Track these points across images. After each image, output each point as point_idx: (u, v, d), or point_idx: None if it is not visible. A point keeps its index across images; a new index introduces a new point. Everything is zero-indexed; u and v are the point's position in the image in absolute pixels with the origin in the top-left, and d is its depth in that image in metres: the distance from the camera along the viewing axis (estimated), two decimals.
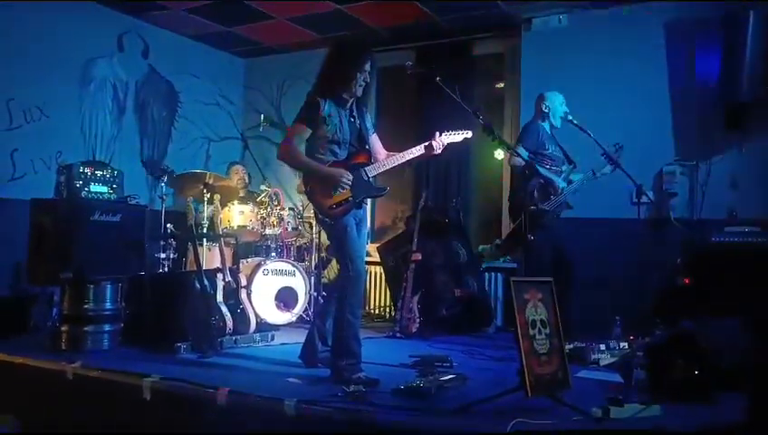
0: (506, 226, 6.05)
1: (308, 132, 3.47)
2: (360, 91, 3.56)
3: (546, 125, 4.82)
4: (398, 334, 5.09)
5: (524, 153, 4.44)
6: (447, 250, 5.62)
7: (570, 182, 4.69)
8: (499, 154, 6.04)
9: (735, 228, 4.54)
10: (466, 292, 5.51)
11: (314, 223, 5.68)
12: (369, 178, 3.57)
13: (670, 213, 5.15)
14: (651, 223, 5.14)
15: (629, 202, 5.06)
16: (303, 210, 6.32)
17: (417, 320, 5.15)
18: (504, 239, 5.79)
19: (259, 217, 5.42)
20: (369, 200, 3.85)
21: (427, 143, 3.63)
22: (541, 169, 4.43)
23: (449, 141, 3.69)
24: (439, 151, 3.64)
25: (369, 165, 3.58)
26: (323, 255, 5.99)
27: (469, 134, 3.75)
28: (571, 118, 4.77)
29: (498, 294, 5.90)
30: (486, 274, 5.95)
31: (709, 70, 5.13)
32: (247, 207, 5.42)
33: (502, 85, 6.70)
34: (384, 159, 3.65)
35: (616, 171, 4.66)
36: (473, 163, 6.38)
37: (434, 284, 5.40)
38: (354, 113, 3.63)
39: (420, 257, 5.30)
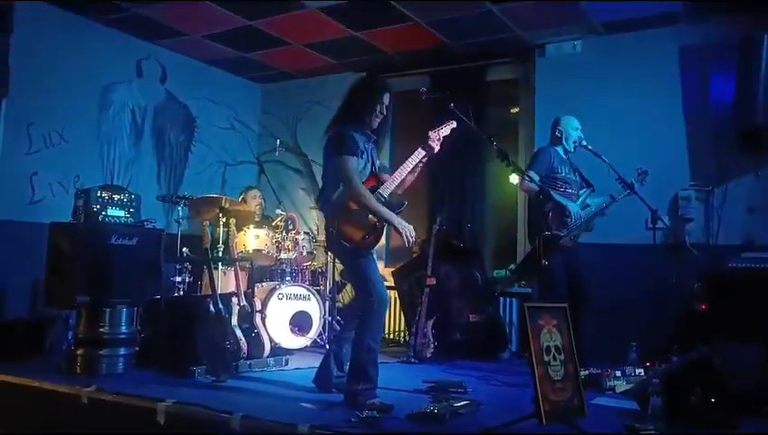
0: (522, 250, 6.07)
1: (358, 164, 3.53)
2: (377, 124, 3.67)
3: (560, 149, 4.85)
4: (413, 359, 5.08)
5: (536, 178, 4.46)
6: (462, 275, 5.63)
7: (586, 206, 4.70)
8: (514, 178, 6.05)
9: (753, 254, 4.50)
10: (481, 317, 5.51)
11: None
12: (384, 198, 3.60)
13: (686, 238, 5.13)
14: (667, 249, 5.12)
15: (645, 228, 5.03)
16: (318, 234, 6.37)
17: (432, 345, 5.15)
18: (518, 264, 5.80)
19: (274, 241, 5.46)
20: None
21: (424, 144, 3.69)
22: (554, 194, 4.45)
23: (444, 135, 3.75)
24: (438, 147, 3.71)
25: (378, 187, 3.62)
26: (338, 279, 6.01)
27: (454, 124, 3.80)
28: (585, 143, 4.80)
29: (513, 319, 5.88)
30: (501, 299, 5.94)
31: (724, 94, 5.14)
32: (263, 232, 5.47)
33: (516, 110, 6.75)
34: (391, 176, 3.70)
35: (631, 196, 4.66)
36: (488, 187, 6.41)
37: (449, 308, 5.40)
38: (375, 144, 3.74)
39: (435, 282, 5.32)
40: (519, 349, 5.63)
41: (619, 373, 4.25)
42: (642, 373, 4.28)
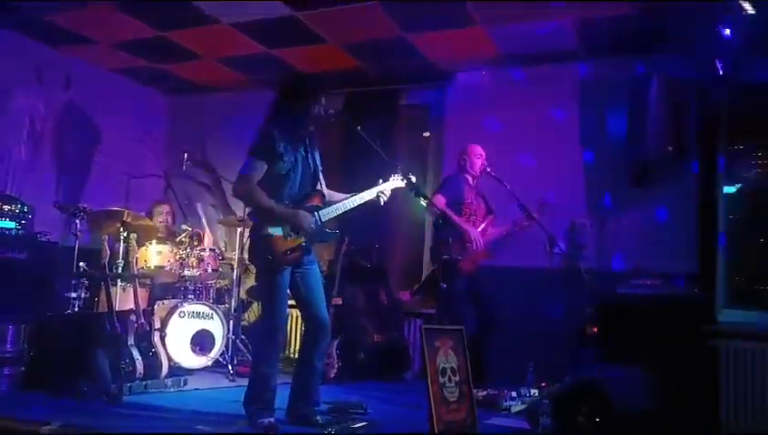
0: (426, 272, 6.18)
1: (264, 168, 3.37)
2: (313, 125, 3.54)
3: (468, 177, 5.02)
4: None
5: (441, 202, 4.60)
6: (369, 295, 5.70)
7: (485, 232, 4.87)
8: (423, 200, 6.20)
9: (640, 280, 4.80)
10: (386, 337, 5.59)
11: (235, 265, 5.65)
12: (321, 221, 3.53)
13: (580, 264, 5.41)
14: (563, 273, 5.38)
15: (544, 252, 5.27)
16: (225, 251, 6.27)
17: (336, 365, 5.17)
18: (419, 285, 5.91)
19: (178, 257, 5.34)
20: None
21: (379, 188, 3.71)
22: (455, 219, 4.59)
23: (394, 187, 3.80)
24: (383, 201, 3.73)
25: (322, 207, 3.56)
26: (244, 297, 5.93)
27: (404, 182, 3.87)
28: (489, 170, 4.99)
29: (417, 339, 5.99)
30: (407, 319, 6.04)
31: (618, 130, 5.45)
32: (166, 247, 5.34)
33: (428, 135, 6.92)
34: (338, 201, 3.63)
35: (531, 223, 4.88)
36: (396, 208, 6.49)
37: (354, 328, 5.45)
38: (308, 150, 3.57)
39: (341, 301, 5.35)
40: (422, 369, 5.71)
41: (515, 394, 4.41)
42: (537, 394, 4.46)
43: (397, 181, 3.81)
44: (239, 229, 5.66)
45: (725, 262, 5.16)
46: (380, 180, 3.83)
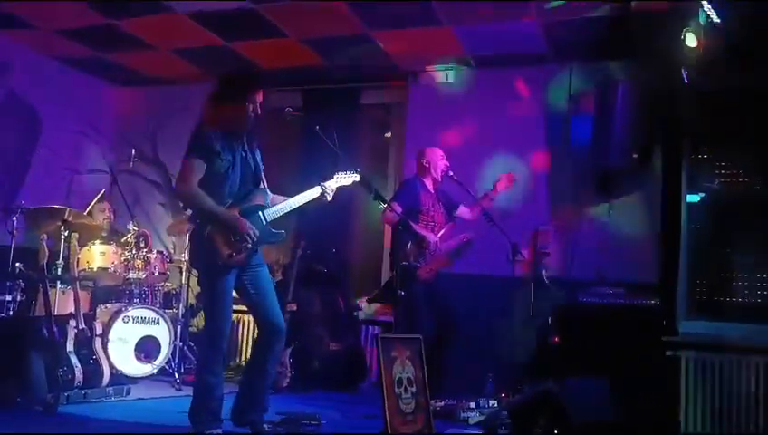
0: (385, 278, 6.20)
1: (203, 167, 3.35)
2: (249, 125, 3.51)
3: (427, 181, 5.04)
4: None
5: (398, 209, 4.61)
6: (325, 301, 5.70)
7: (446, 240, 4.90)
8: (381, 204, 6.22)
9: (602, 289, 4.89)
10: (342, 345, 5.58)
11: (184, 268, 5.59)
12: (266, 221, 3.51)
13: (543, 272, 5.49)
14: (525, 281, 5.45)
15: (505, 259, 5.34)
16: (174, 253, 6.19)
17: (289, 374, 5.16)
18: (377, 292, 5.92)
19: (123, 259, 5.26)
20: None
21: (321, 185, 3.69)
22: (413, 226, 4.61)
23: (339, 185, 3.79)
24: (330, 197, 3.71)
25: (266, 207, 3.54)
26: (193, 302, 5.87)
27: (357, 178, 3.87)
28: (451, 173, 5.02)
29: (375, 348, 6.00)
30: (364, 327, 6.05)
31: (583, 137, 5.55)
32: (110, 248, 5.26)
33: (389, 136, 6.94)
34: (280, 202, 3.62)
35: (493, 228, 4.93)
36: (355, 211, 6.53)
37: (308, 336, 5.44)
38: (246, 148, 3.55)
39: (295, 308, 5.33)
40: (379, 379, 5.73)
41: (473, 405, 4.45)
42: (496, 405, 4.51)
43: (342, 178, 3.81)
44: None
45: (687, 272, 5.29)
46: (336, 175, 3.84)
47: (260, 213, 3.49)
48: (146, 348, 5.10)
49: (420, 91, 6.40)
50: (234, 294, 3.48)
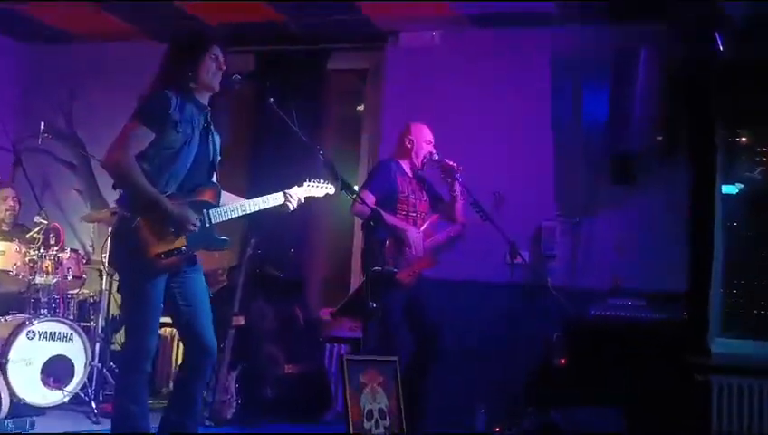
0: (356, 283, 6.18)
1: (149, 138, 3.28)
2: (217, 84, 3.48)
3: (405, 163, 5.01)
4: (207, 422, 5.02)
5: (371, 198, 4.59)
6: (280, 313, 5.68)
7: (431, 235, 4.89)
8: (351, 195, 6.20)
9: (619, 300, 4.93)
10: (301, 368, 5.57)
11: (105, 270, 5.52)
12: (211, 223, 3.47)
13: (548, 278, 5.50)
14: (525, 289, 5.47)
15: (502, 262, 5.35)
16: (93, 252, 6.13)
17: (235, 403, 5.13)
18: (343, 304, 5.89)
19: (28, 259, 5.19)
20: None
21: (285, 193, 3.67)
22: (389, 219, 4.58)
23: (307, 196, 3.78)
24: (294, 207, 3.70)
25: (214, 205, 3.50)
26: (116, 313, 5.81)
27: (332, 190, 3.88)
28: (437, 157, 5.00)
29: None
30: (329, 345, 6.04)
31: (597, 113, 5.58)
32: (11, 246, 5.21)
33: (361, 108, 6.92)
34: (232, 202, 3.59)
35: (487, 225, 4.93)
36: (319, 202, 6.47)
37: (259, 356, 5.42)
38: (210, 125, 3.53)
39: (243, 322, 5.29)
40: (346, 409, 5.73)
41: None
42: None
43: (314, 188, 3.82)
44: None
45: (722, 279, 5.35)
46: (296, 186, 3.80)
47: (204, 212, 3.45)
48: (55, 371, 5.03)
49: (401, 56, 6.39)
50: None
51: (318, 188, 3.85)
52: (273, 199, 3.65)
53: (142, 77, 3.54)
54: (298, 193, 3.74)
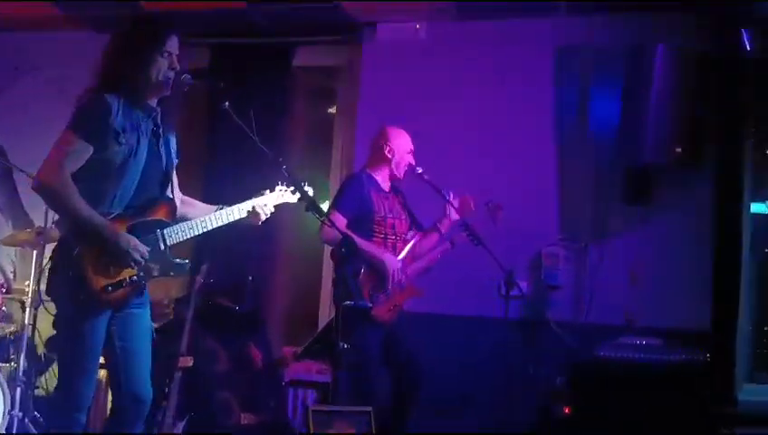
0: (326, 317, 6.16)
1: (87, 152, 3.27)
2: (167, 87, 3.44)
3: (380, 176, 5.01)
4: None
5: (340, 222, 4.59)
6: (235, 353, 5.65)
7: (410, 259, 4.90)
8: (319, 217, 6.18)
9: (631, 339, 4.94)
10: (260, 417, 5.55)
11: (28, 301, 5.49)
12: (167, 245, 3.45)
13: (549, 313, 5.51)
14: (523, 326, 5.47)
15: (497, 294, 5.35)
16: (14, 280, 6.10)
17: None
18: (312, 341, 5.88)
19: None
20: None
21: (257, 201, 3.66)
22: (363, 245, 4.58)
23: (280, 203, 3.77)
24: (265, 217, 3.69)
25: (169, 224, 3.48)
26: (42, 352, 5.77)
27: (311, 192, 3.86)
28: (420, 171, 5.00)
29: None
30: (292, 390, 6.00)
31: (607, 118, 5.62)
32: None
33: (334, 111, 6.92)
34: (192, 213, 3.59)
35: (478, 249, 4.94)
36: (281, 223, 6.46)
37: (210, 404, 5.42)
38: (159, 129, 3.50)
39: (191, 363, 5.26)
40: None
41: None
42: None
43: (285, 194, 3.80)
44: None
45: (752, 315, 5.36)
46: (267, 191, 3.79)
47: (158, 232, 3.44)
48: None
49: (379, 51, 6.42)
50: None
51: (286, 194, 3.82)
52: (240, 211, 3.64)
53: (79, 71, 3.54)
54: (269, 200, 3.72)
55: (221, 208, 3.67)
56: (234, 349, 5.67)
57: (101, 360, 3.53)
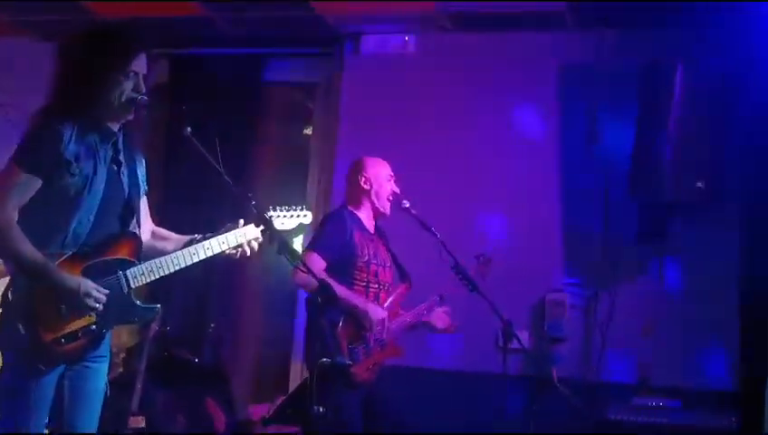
0: (299, 375, 6.13)
1: (35, 186, 3.24)
2: (131, 111, 3.38)
3: (363, 213, 5.00)
4: None
5: (318, 266, 4.56)
6: (193, 411, 5.60)
7: (398, 314, 4.88)
8: (292, 259, 6.15)
9: (646, 400, 4.94)
10: None
11: None
12: (130, 288, 3.38)
13: (553, 369, 5.50)
14: (524, 383, 5.44)
15: (494, 347, 5.33)
16: None
17: None
18: (283, 402, 5.85)
19: None
20: None
21: (237, 233, 3.58)
22: (342, 293, 4.55)
23: (284, 229, 3.75)
24: (251, 251, 3.64)
25: (133, 263, 3.43)
26: None
27: (308, 218, 3.81)
28: (406, 205, 4.98)
29: None
30: None
31: (619, 145, 5.62)
32: None
33: (310, 133, 6.91)
34: (166, 248, 3.54)
35: (473, 296, 4.92)
36: (252, 263, 6.44)
37: None
38: (121, 156, 3.46)
39: (143, 424, 5.23)
40: None
41: None
42: None
43: (287, 219, 3.79)
44: None
45: None
46: (241, 221, 3.75)
47: (120, 273, 3.38)
48: None
49: (362, 65, 6.44)
50: None
51: (290, 218, 3.81)
52: (220, 244, 3.57)
53: (33, 81, 3.52)
54: (243, 234, 3.61)
55: (196, 241, 3.59)
56: (192, 407, 5.62)
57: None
